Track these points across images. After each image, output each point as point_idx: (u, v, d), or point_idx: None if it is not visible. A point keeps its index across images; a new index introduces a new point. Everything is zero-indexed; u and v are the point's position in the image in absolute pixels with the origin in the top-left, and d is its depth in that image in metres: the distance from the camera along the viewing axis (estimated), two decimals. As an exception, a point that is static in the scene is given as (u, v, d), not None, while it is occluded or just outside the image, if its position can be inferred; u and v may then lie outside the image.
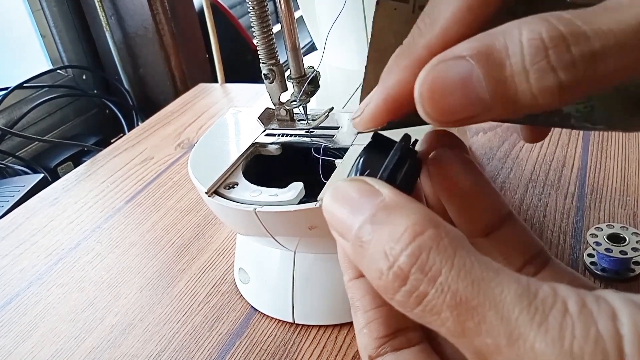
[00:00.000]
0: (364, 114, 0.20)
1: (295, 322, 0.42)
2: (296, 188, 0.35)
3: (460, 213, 0.22)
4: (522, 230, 0.22)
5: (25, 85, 0.95)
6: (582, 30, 0.15)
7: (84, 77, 1.08)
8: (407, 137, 0.20)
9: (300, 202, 0.34)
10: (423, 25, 0.18)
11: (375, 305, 0.20)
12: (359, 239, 0.17)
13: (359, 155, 0.21)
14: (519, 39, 0.15)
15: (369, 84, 0.21)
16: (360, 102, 0.21)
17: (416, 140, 0.21)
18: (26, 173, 0.86)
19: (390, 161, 0.20)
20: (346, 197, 0.18)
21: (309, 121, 0.40)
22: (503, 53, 0.15)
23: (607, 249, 0.41)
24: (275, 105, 0.41)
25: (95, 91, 1.10)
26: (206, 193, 0.36)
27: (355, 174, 0.20)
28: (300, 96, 0.40)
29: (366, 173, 0.20)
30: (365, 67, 0.22)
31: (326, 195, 0.19)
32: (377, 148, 0.21)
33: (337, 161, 0.38)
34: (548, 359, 0.14)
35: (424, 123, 0.20)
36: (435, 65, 0.17)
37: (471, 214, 0.22)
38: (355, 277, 0.20)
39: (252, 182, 0.37)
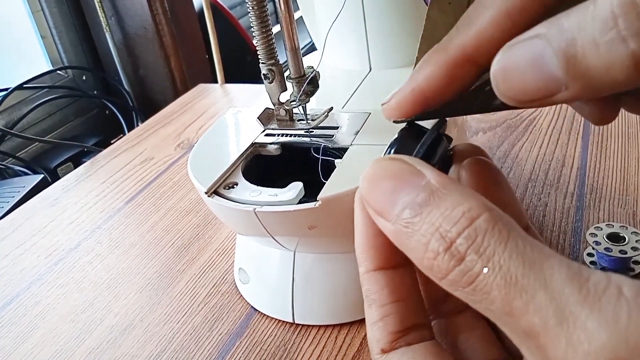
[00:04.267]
0: (391, 101, 0.20)
1: (295, 322, 0.42)
2: (296, 188, 0.35)
3: None
4: None
5: (25, 86, 0.95)
6: None
7: (84, 77, 1.08)
8: (443, 120, 0.21)
9: (300, 202, 0.34)
10: (461, 24, 0.18)
11: (393, 299, 0.20)
12: (405, 219, 0.17)
13: (393, 139, 0.21)
14: (591, 11, 0.14)
15: None
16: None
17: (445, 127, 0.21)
18: (26, 174, 0.86)
19: (427, 139, 0.20)
20: (387, 176, 0.18)
21: (308, 121, 0.40)
22: (574, 28, 0.15)
23: (606, 249, 0.41)
24: (274, 105, 0.41)
25: (95, 92, 1.10)
26: (206, 193, 0.36)
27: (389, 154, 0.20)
28: (300, 96, 0.40)
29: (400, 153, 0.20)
30: (416, 58, 0.22)
31: (364, 173, 0.19)
32: (411, 134, 0.21)
33: (337, 161, 0.38)
34: (600, 338, 0.14)
35: (456, 116, 0.21)
36: (509, 46, 0.16)
37: None
38: (374, 269, 0.20)
39: (251, 182, 0.37)
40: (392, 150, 0.21)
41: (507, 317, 0.15)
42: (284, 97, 0.41)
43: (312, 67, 0.40)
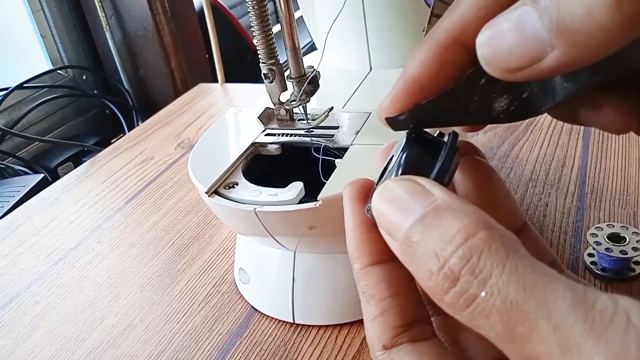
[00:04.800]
0: (385, 100, 0.20)
1: (295, 322, 0.42)
2: (296, 188, 0.35)
3: None
4: (536, 240, 0.22)
5: (25, 85, 0.95)
6: None
7: (84, 77, 1.08)
8: (455, 135, 0.20)
9: (300, 202, 0.34)
10: (448, 10, 0.18)
11: (392, 293, 0.19)
12: (409, 239, 0.17)
13: (400, 151, 0.20)
14: None
15: None
16: None
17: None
18: (26, 173, 0.86)
19: (445, 162, 0.19)
20: (397, 197, 0.18)
21: (308, 121, 0.40)
22: None
23: (607, 249, 0.41)
24: (275, 105, 0.41)
25: (96, 91, 1.10)
26: (206, 193, 0.36)
27: (398, 171, 0.20)
28: (300, 96, 0.40)
29: (413, 171, 0.19)
30: None
31: (375, 193, 0.19)
32: (418, 144, 0.20)
33: (337, 161, 0.38)
34: None
35: (454, 122, 0.20)
36: (495, 18, 0.16)
37: None
38: (369, 264, 0.20)
39: (252, 182, 0.37)
40: (404, 157, 0.20)
41: (508, 344, 0.15)
42: (284, 96, 0.41)
43: (312, 67, 0.40)
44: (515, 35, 0.15)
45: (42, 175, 0.81)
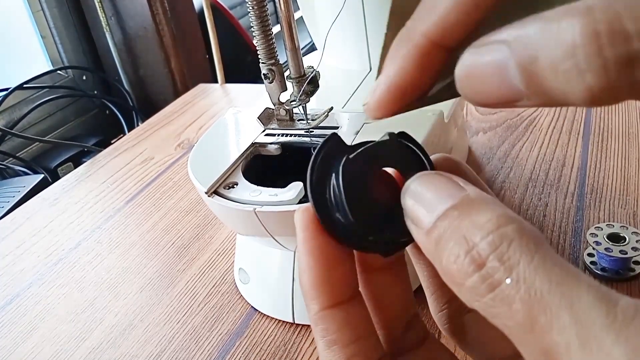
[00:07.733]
0: (370, 103, 0.20)
1: (295, 322, 0.42)
2: (296, 188, 0.35)
3: None
4: None
5: (25, 86, 0.95)
6: (623, 29, 0.13)
7: (84, 77, 1.08)
8: (398, 134, 0.20)
9: (300, 202, 0.34)
10: (423, 10, 0.18)
11: (356, 337, 0.19)
12: (437, 225, 0.16)
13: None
14: (555, 32, 0.14)
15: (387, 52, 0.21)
16: (378, 70, 0.20)
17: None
18: (26, 174, 0.86)
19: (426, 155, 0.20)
20: (429, 187, 0.18)
21: (308, 121, 0.40)
22: (537, 45, 0.14)
23: (607, 249, 0.41)
24: (274, 105, 0.41)
25: (96, 92, 1.10)
26: (206, 193, 0.36)
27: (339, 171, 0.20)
28: (300, 96, 0.40)
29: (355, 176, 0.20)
30: (385, 35, 0.20)
31: (409, 184, 0.18)
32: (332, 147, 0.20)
33: (337, 161, 0.38)
34: None
35: (444, 99, 0.20)
36: (475, 47, 0.16)
37: None
38: (330, 306, 0.19)
39: (252, 182, 0.37)
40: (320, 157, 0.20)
41: (526, 334, 0.15)
42: (284, 97, 0.41)
43: (312, 67, 0.40)
44: (494, 80, 0.16)
45: (42, 175, 0.81)
